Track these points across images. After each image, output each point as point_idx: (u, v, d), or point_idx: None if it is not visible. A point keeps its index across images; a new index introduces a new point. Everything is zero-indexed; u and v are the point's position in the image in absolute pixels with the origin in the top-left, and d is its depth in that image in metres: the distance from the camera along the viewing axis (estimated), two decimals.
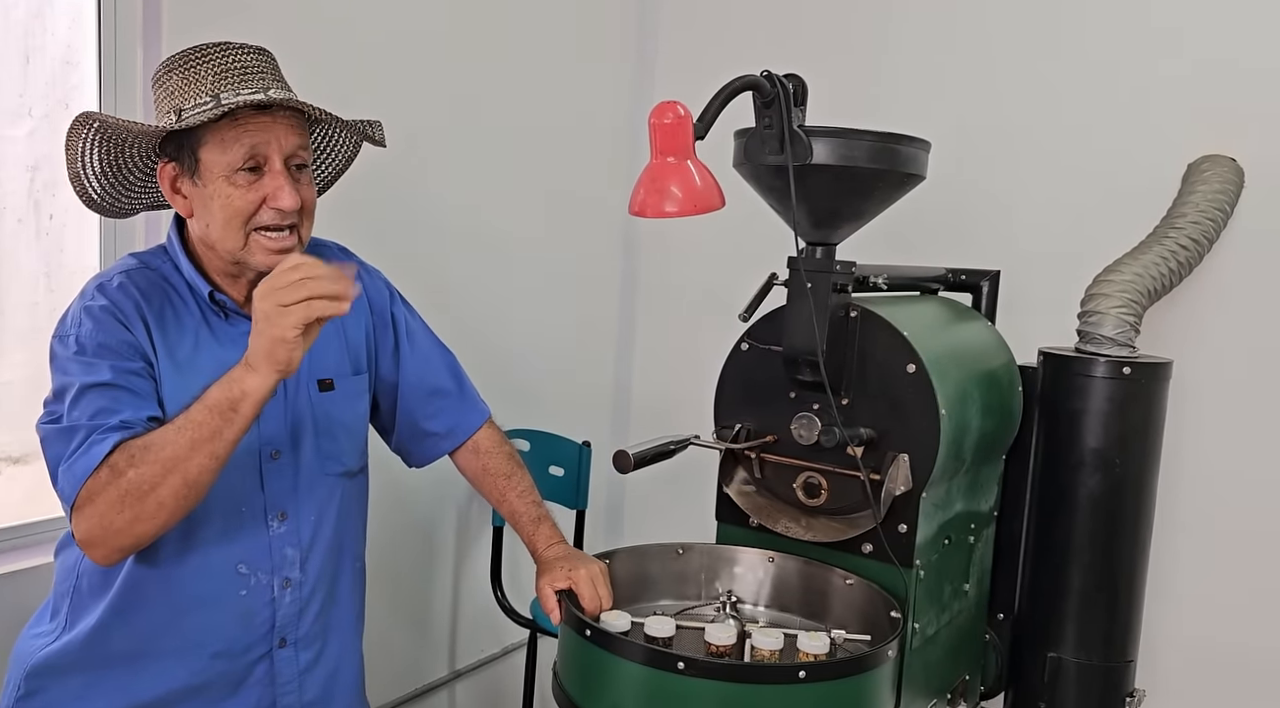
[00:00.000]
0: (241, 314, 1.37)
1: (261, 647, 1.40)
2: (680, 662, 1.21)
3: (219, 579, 1.35)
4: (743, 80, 1.33)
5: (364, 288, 1.51)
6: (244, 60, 1.29)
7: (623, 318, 3.06)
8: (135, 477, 1.17)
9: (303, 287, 1.15)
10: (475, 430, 1.62)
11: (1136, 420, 1.73)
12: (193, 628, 1.35)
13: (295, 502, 1.41)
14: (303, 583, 1.42)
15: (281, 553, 1.40)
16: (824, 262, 1.50)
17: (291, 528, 1.41)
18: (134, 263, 1.37)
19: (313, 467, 1.42)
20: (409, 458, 1.64)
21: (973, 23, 2.40)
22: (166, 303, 1.34)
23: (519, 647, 2.75)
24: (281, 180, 1.29)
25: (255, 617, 1.39)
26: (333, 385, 1.45)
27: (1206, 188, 1.99)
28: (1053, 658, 1.76)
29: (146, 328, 1.30)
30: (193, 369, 1.31)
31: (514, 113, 2.55)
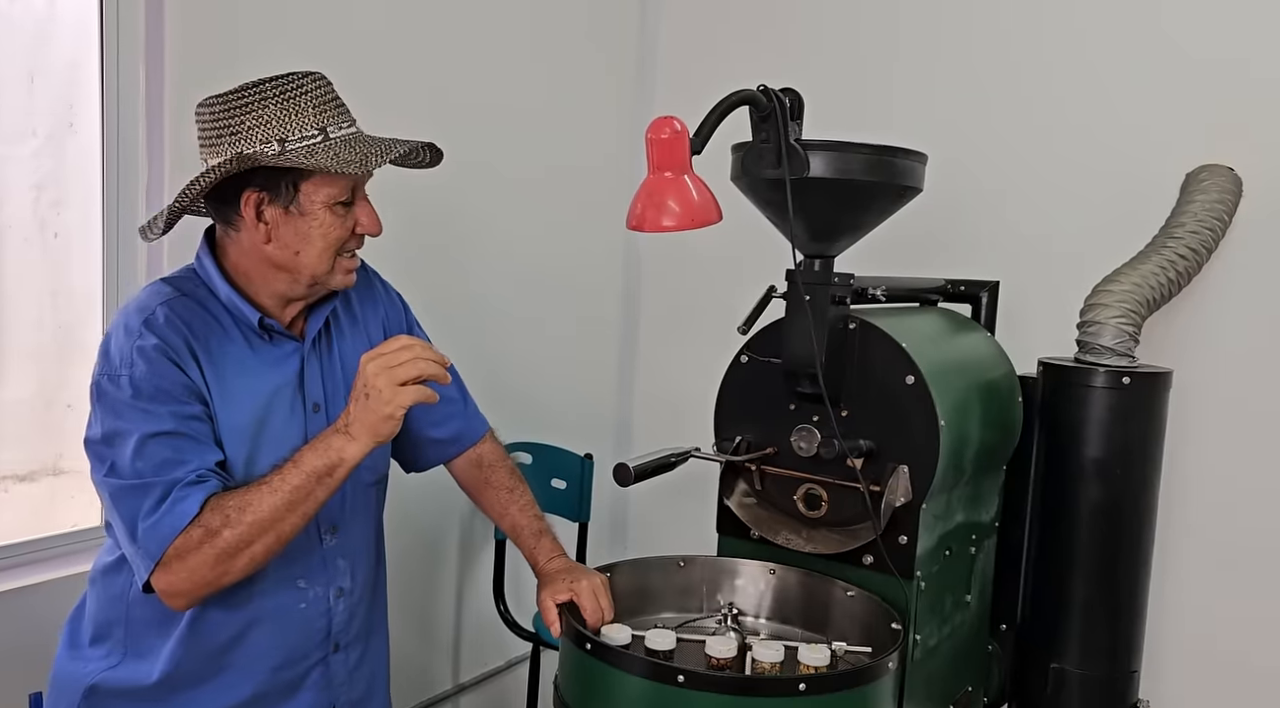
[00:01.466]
0: (286, 334, 1.41)
1: (318, 653, 1.46)
2: (681, 675, 1.21)
3: (280, 596, 1.40)
4: (739, 95, 1.34)
5: (382, 306, 1.59)
6: (332, 93, 1.36)
7: (624, 331, 3.07)
8: (231, 536, 1.22)
9: (416, 364, 1.23)
10: (478, 439, 1.66)
11: (1137, 430, 1.73)
12: (256, 644, 1.39)
13: (344, 515, 1.47)
14: (353, 590, 1.49)
15: (335, 565, 1.46)
16: (822, 274, 1.51)
17: (342, 540, 1.47)
18: (170, 291, 1.36)
19: (354, 479, 1.41)
20: (410, 464, 1.67)
21: (970, 35, 2.41)
22: (211, 332, 1.35)
23: (522, 660, 2.75)
24: (368, 207, 1.39)
25: (313, 626, 1.44)
26: None
27: (1205, 197, 2.00)
28: (1056, 669, 1.75)
29: (198, 363, 1.31)
30: (242, 396, 1.35)
31: (513, 128, 2.56)
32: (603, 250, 2.95)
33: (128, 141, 1.84)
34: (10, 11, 1.78)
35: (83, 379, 1.88)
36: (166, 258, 1.86)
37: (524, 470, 2.50)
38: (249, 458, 1.34)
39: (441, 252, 2.41)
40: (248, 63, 1.90)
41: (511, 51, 2.54)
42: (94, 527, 1.91)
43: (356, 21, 2.14)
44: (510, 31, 2.53)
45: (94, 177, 1.84)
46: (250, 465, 1.34)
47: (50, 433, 1.92)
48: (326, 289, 1.41)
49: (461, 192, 2.45)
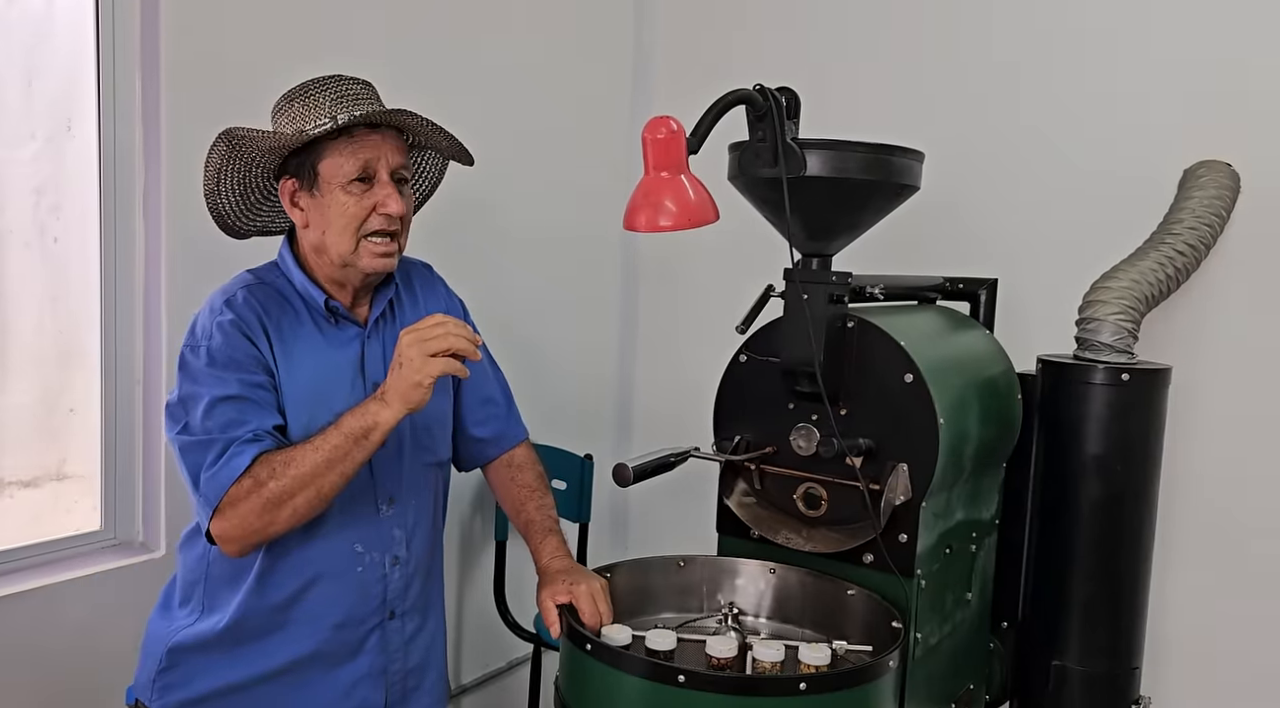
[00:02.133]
0: (350, 319, 1.53)
1: (375, 618, 1.54)
2: (681, 675, 1.21)
3: (339, 558, 1.50)
4: (735, 94, 1.35)
5: (444, 304, 1.69)
6: (355, 89, 1.47)
7: (624, 331, 3.07)
8: (275, 488, 1.35)
9: (446, 339, 1.34)
10: (517, 443, 1.75)
11: (1136, 427, 1.73)
12: (317, 603, 1.49)
13: (401, 489, 1.55)
14: (408, 561, 1.57)
15: (390, 534, 1.54)
16: (820, 273, 1.51)
17: (399, 512, 1.55)
18: (251, 279, 1.51)
19: (413, 458, 1.57)
20: (458, 463, 1.75)
21: (967, 32, 2.41)
22: (284, 313, 1.49)
23: (523, 661, 2.75)
24: (390, 189, 1.45)
25: (370, 590, 1.53)
26: None
27: (1203, 193, 2.00)
28: (1057, 666, 1.75)
29: (268, 339, 1.45)
30: (307, 371, 1.47)
31: (509, 129, 2.56)
32: (601, 250, 2.95)
33: (124, 145, 1.85)
34: (7, 14, 1.78)
35: (84, 384, 1.91)
36: (164, 262, 1.87)
37: None
38: (307, 426, 1.44)
39: (438, 253, 2.41)
40: (242, 67, 1.91)
41: (507, 52, 2.54)
42: (96, 531, 1.91)
43: (352, 25, 2.14)
44: (506, 32, 2.53)
45: (92, 181, 1.84)
46: (309, 432, 1.43)
47: (52, 438, 1.93)
48: (364, 272, 1.48)
49: (457, 193, 2.45)
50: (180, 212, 1.85)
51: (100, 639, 1.81)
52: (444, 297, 1.72)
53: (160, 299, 1.88)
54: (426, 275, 1.72)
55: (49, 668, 1.78)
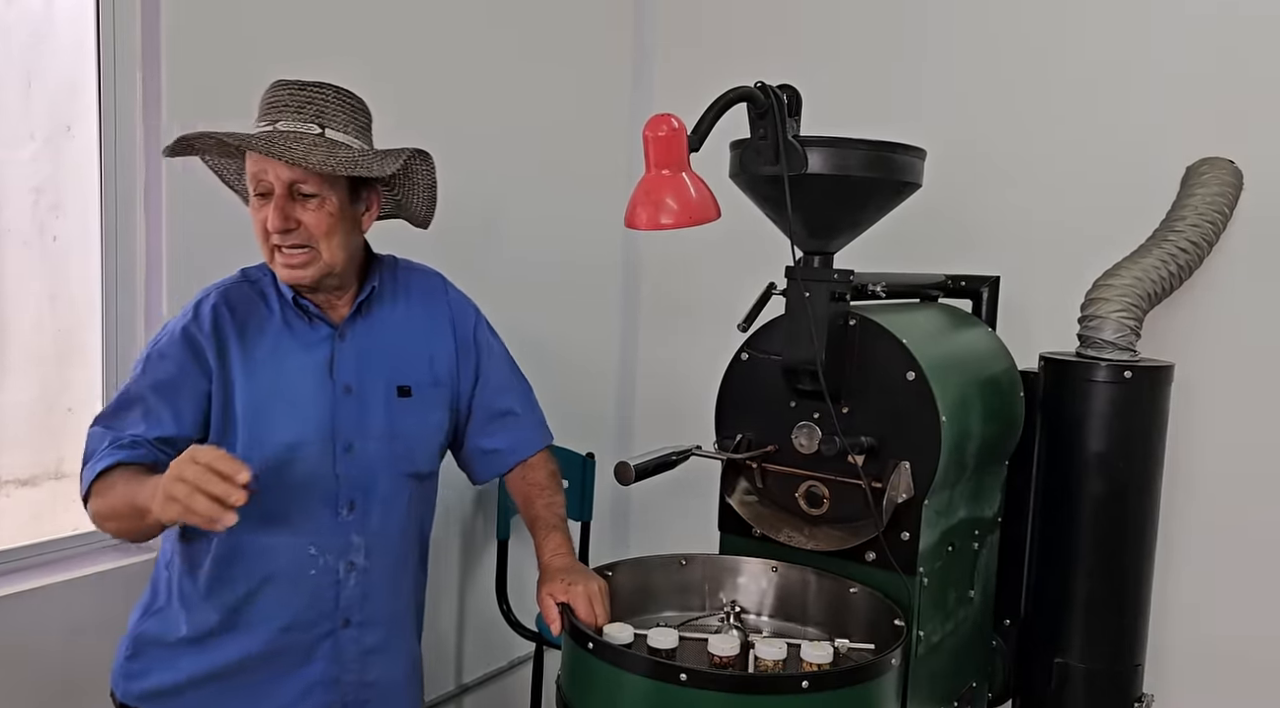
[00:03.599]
0: (323, 318, 1.52)
1: (326, 624, 1.52)
2: (683, 673, 1.21)
3: (292, 559, 1.48)
4: (737, 92, 1.34)
5: (449, 309, 1.67)
6: (285, 97, 1.44)
7: (625, 329, 3.06)
8: (97, 505, 1.38)
9: (193, 497, 1.19)
10: (533, 453, 1.71)
11: (1139, 424, 1.73)
12: (268, 603, 1.48)
13: (364, 493, 1.52)
14: (368, 570, 1.53)
15: (348, 539, 1.51)
16: (821, 271, 1.51)
17: (359, 517, 1.52)
18: (237, 278, 1.55)
19: (383, 464, 1.54)
20: (472, 475, 1.73)
21: (969, 30, 2.40)
22: (253, 312, 1.51)
23: (525, 660, 2.74)
24: (273, 204, 1.42)
25: (322, 595, 1.50)
26: (410, 393, 1.57)
27: (1205, 191, 1.99)
28: (1060, 664, 1.75)
29: (221, 345, 1.47)
30: (269, 371, 1.48)
31: (511, 126, 2.56)
32: (602, 248, 2.94)
33: (125, 144, 1.84)
34: (6, 15, 1.78)
35: (83, 383, 1.90)
36: (165, 261, 1.86)
37: None
38: (262, 426, 1.45)
39: (439, 252, 2.41)
40: (243, 66, 1.91)
41: (509, 50, 2.53)
42: (94, 531, 1.90)
43: (353, 25, 2.13)
44: (508, 30, 2.52)
45: (92, 180, 1.84)
46: (261, 432, 1.46)
47: (51, 437, 1.92)
48: (284, 281, 1.48)
49: (459, 191, 2.44)
50: (180, 210, 1.85)
51: (98, 639, 1.80)
52: (450, 303, 1.68)
53: (160, 298, 1.87)
54: (430, 284, 1.68)
55: (47, 667, 1.78)
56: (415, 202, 1.62)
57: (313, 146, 1.41)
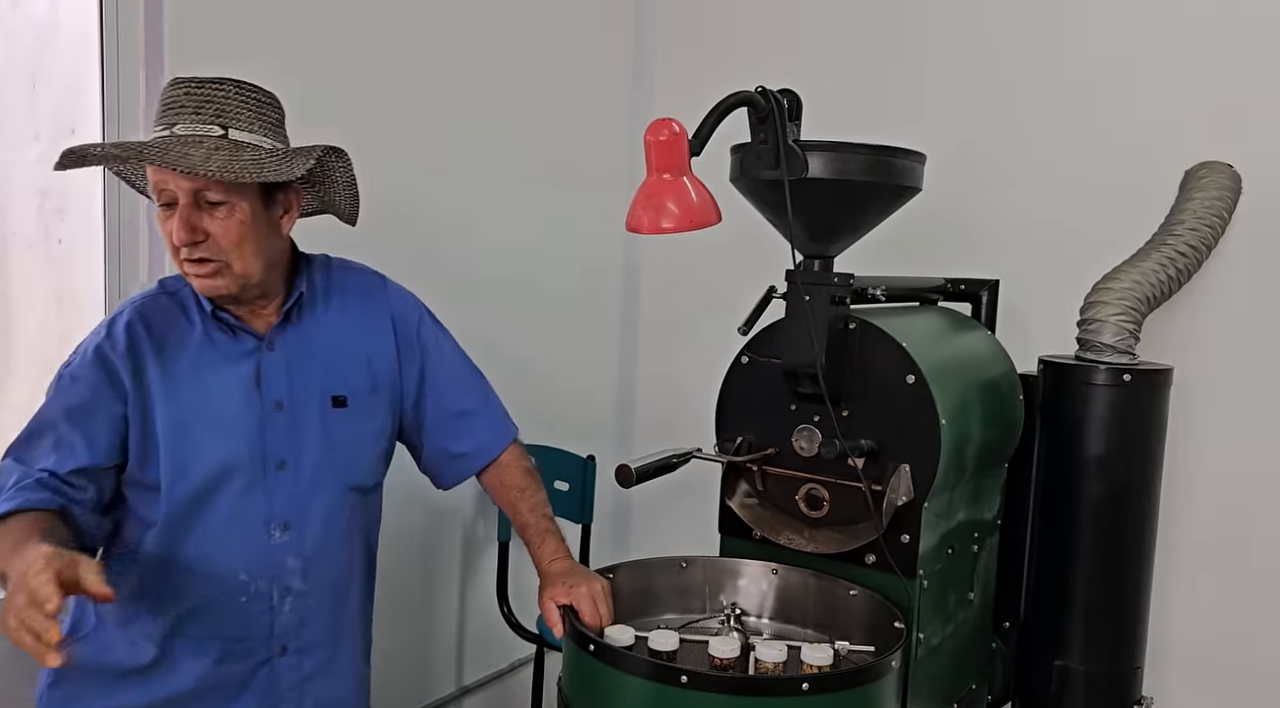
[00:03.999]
0: (247, 329, 1.44)
1: (262, 653, 1.44)
2: (684, 675, 1.21)
3: (222, 585, 1.40)
4: (737, 97, 1.35)
5: (388, 306, 1.57)
6: (181, 97, 1.33)
7: (625, 333, 3.07)
8: None
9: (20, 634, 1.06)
10: (501, 451, 1.64)
11: (1138, 427, 1.73)
12: (199, 634, 1.41)
13: (300, 513, 1.44)
14: (305, 593, 1.45)
15: (282, 563, 1.44)
16: (822, 274, 1.51)
17: (294, 538, 1.44)
18: (155, 290, 1.46)
19: (321, 480, 1.46)
20: (437, 479, 1.66)
21: (968, 34, 2.41)
22: (172, 327, 1.42)
23: (526, 662, 2.75)
24: (181, 218, 1.32)
25: (255, 624, 1.43)
26: (346, 402, 1.49)
27: (1204, 195, 2.00)
28: (1060, 666, 1.75)
29: (135, 361, 1.38)
30: (190, 389, 1.40)
31: (512, 130, 2.57)
32: (603, 252, 2.95)
33: None
34: (11, 18, 1.79)
35: None
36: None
37: None
38: (185, 449, 1.37)
39: (440, 254, 2.42)
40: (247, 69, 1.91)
41: (510, 54, 2.54)
42: None
43: (354, 27, 2.14)
44: (509, 33, 2.53)
45: (96, 183, 1.85)
46: (183, 456, 1.37)
47: None
48: (199, 292, 1.40)
49: (459, 193, 2.46)
50: None
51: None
52: (390, 300, 1.59)
53: None
54: (366, 283, 1.58)
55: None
56: (338, 199, 1.52)
57: (213, 152, 1.29)
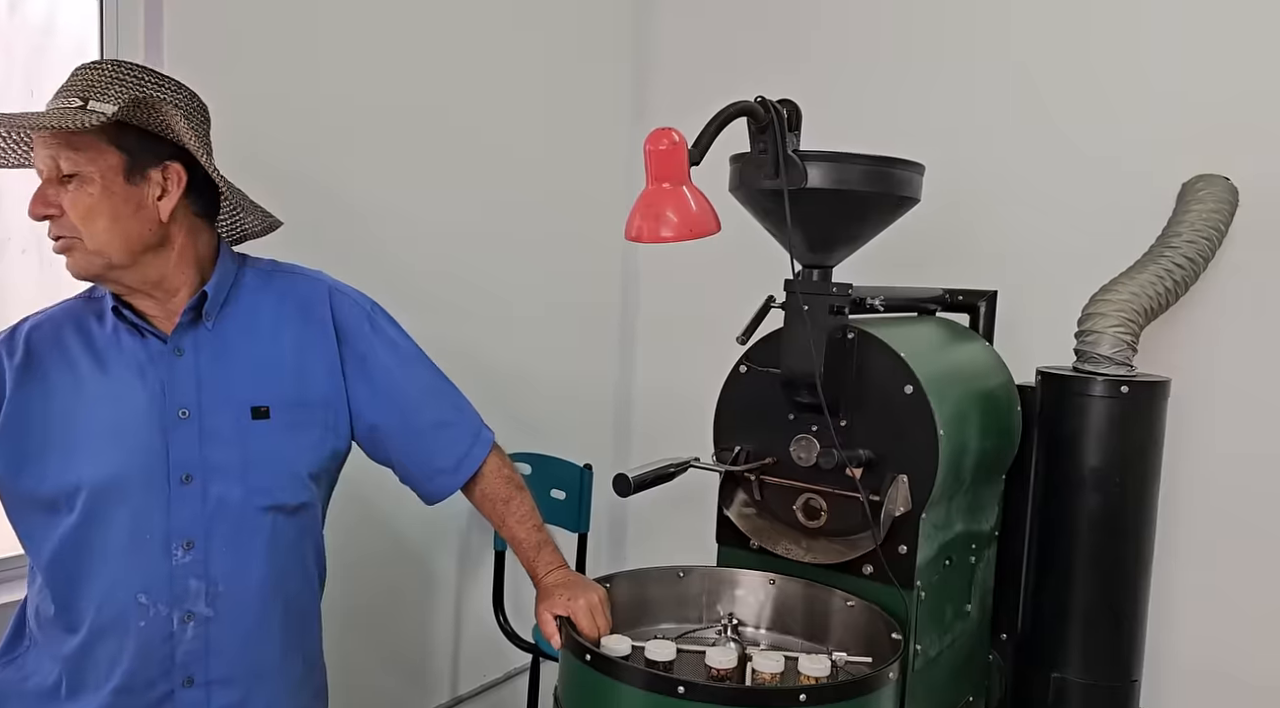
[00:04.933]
0: (155, 332, 1.35)
1: (163, 685, 1.32)
2: (680, 686, 1.21)
3: (119, 608, 1.30)
4: (737, 106, 1.35)
5: (333, 322, 1.45)
6: (74, 78, 1.29)
7: (623, 341, 3.07)
8: None
9: None
10: (482, 461, 1.54)
11: (1135, 439, 1.73)
12: (97, 660, 1.31)
13: (205, 531, 1.33)
14: (211, 620, 1.33)
15: (184, 584, 1.32)
16: (820, 284, 1.51)
17: (198, 559, 1.32)
18: (84, 294, 1.40)
19: (232, 497, 1.34)
20: (423, 496, 1.57)
21: (968, 46, 2.42)
22: (81, 330, 1.35)
23: (521, 671, 2.74)
24: (38, 192, 1.28)
25: (154, 652, 1.31)
26: (268, 414, 1.38)
27: (1201, 207, 2.00)
28: (1057, 679, 1.75)
29: (28, 362, 1.32)
30: (92, 388, 1.32)
31: (510, 137, 2.57)
32: (602, 261, 2.95)
33: None
34: (8, 24, 1.79)
35: None
36: None
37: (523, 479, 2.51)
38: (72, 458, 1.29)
39: (438, 263, 2.42)
40: (247, 76, 1.92)
41: (509, 63, 2.54)
42: None
43: (354, 36, 2.14)
44: (508, 43, 2.53)
45: None
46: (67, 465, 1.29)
47: None
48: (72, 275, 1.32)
49: (458, 202, 2.46)
50: None
51: None
52: (329, 317, 1.45)
53: None
54: (310, 291, 1.47)
55: None
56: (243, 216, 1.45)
57: (55, 115, 1.23)
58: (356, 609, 2.29)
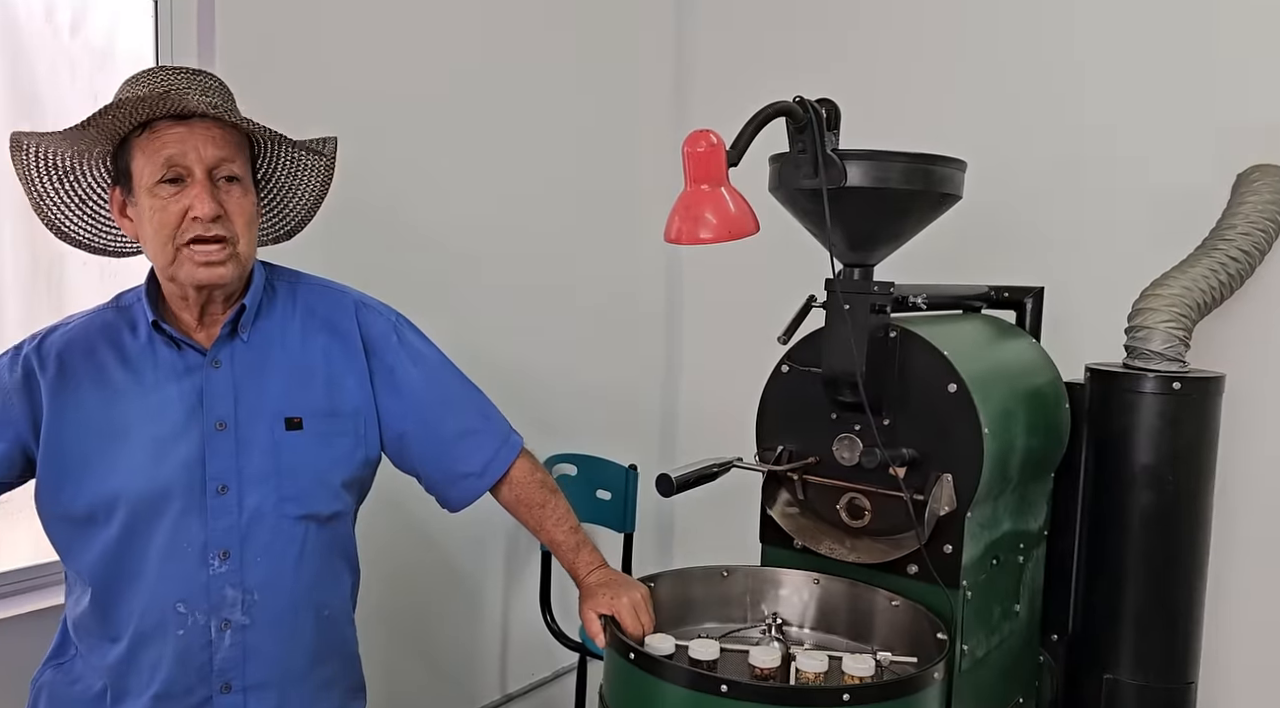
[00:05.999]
0: (190, 343, 1.36)
1: (202, 690, 1.34)
2: (724, 685, 1.21)
3: (158, 616, 1.32)
4: (775, 107, 1.35)
5: (360, 336, 1.47)
6: (162, 80, 1.29)
7: (669, 341, 3.08)
8: None
9: None
10: (510, 465, 1.55)
11: (1188, 436, 1.70)
12: (138, 667, 1.33)
13: (241, 541, 1.34)
14: (247, 627, 1.35)
15: (221, 593, 1.34)
16: (861, 283, 1.51)
17: (234, 568, 1.34)
18: (110, 302, 1.40)
19: (267, 507, 1.36)
20: (446, 502, 1.58)
21: (1009, 39, 2.39)
22: (113, 342, 1.35)
23: (569, 670, 2.76)
24: (200, 188, 1.27)
25: (192, 659, 1.33)
26: (301, 425, 1.39)
27: (1257, 198, 1.96)
28: (1109, 680, 1.72)
29: (62, 374, 1.32)
30: (128, 401, 1.33)
31: (553, 139, 2.60)
32: (645, 262, 2.97)
33: None
34: (72, 45, 1.85)
35: None
36: None
37: (569, 482, 2.53)
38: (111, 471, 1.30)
39: (487, 268, 2.45)
40: (298, 97, 1.96)
41: (553, 71, 2.57)
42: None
43: (400, 51, 2.18)
44: (548, 42, 2.56)
45: None
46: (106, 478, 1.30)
47: None
48: (191, 285, 1.31)
49: (503, 206, 2.49)
50: None
51: None
52: (356, 330, 1.47)
53: None
54: (338, 305, 1.49)
55: None
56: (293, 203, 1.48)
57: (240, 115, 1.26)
58: (405, 611, 2.33)
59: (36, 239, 1.85)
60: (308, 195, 1.49)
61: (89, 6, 1.85)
